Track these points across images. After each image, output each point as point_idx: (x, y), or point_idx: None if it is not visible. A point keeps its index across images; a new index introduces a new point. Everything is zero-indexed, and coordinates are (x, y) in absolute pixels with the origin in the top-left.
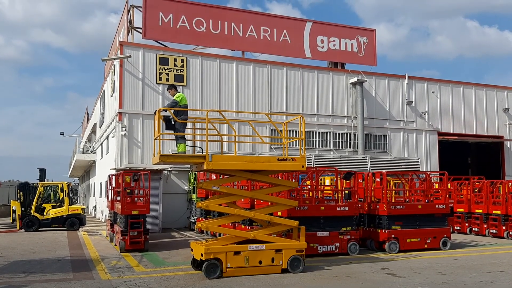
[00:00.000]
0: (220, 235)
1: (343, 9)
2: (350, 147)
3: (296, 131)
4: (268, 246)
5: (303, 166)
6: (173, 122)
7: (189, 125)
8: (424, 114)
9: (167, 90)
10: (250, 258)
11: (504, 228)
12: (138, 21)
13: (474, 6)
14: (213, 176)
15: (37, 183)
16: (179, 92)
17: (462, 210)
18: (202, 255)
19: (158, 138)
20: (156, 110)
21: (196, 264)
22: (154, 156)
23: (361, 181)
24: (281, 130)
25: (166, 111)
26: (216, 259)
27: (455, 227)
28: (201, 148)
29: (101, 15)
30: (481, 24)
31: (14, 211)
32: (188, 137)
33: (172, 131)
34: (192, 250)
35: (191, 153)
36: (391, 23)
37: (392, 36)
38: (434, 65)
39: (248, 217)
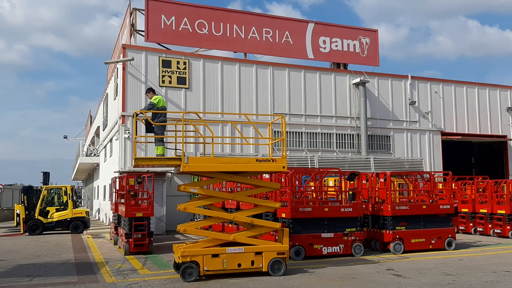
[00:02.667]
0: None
1: (343, 10)
2: (353, 148)
3: (293, 132)
4: (247, 248)
5: (284, 167)
6: (153, 125)
7: (172, 127)
8: (427, 114)
9: (146, 93)
10: (228, 261)
11: (508, 227)
12: (140, 24)
13: (474, 6)
14: None
15: (41, 187)
16: (156, 95)
17: (466, 210)
18: (179, 257)
19: (134, 140)
20: (134, 113)
21: (178, 266)
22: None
23: (365, 182)
24: (275, 132)
25: (143, 114)
26: (193, 262)
27: (460, 227)
28: (181, 150)
29: (102, 19)
30: (481, 23)
31: (18, 215)
32: (170, 139)
33: (152, 134)
34: (174, 253)
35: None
36: (391, 24)
37: (393, 37)
38: (435, 65)
39: (228, 219)
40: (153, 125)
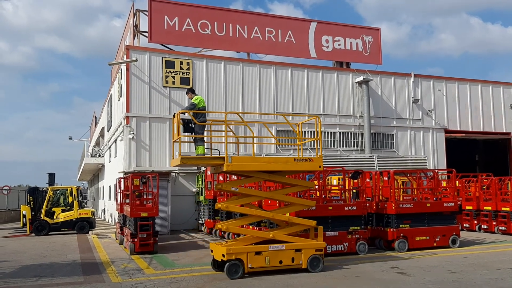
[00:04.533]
0: (228, 235)
1: (345, 9)
2: (357, 146)
3: (304, 131)
4: (288, 246)
5: (320, 166)
6: (191, 125)
7: (206, 127)
8: (431, 112)
9: (186, 93)
10: (270, 258)
11: None
12: (143, 25)
13: (476, 3)
14: (220, 178)
15: (46, 188)
16: (197, 94)
17: (470, 207)
18: (223, 255)
19: (177, 140)
20: (175, 113)
21: (217, 265)
22: (173, 158)
23: (368, 180)
24: (295, 131)
25: (185, 114)
26: (238, 260)
27: (464, 225)
28: (218, 150)
29: (105, 20)
30: (484, 21)
31: (24, 216)
32: (205, 139)
33: (189, 134)
34: (212, 251)
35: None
36: (393, 22)
37: (395, 35)
38: (438, 62)
39: (267, 218)
40: (193, 125)
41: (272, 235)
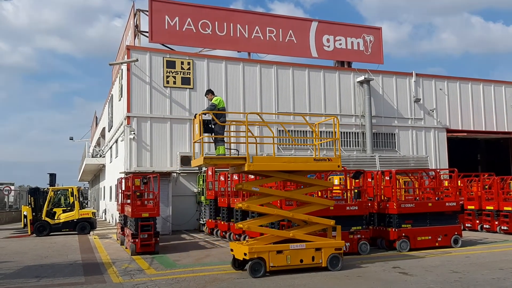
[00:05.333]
0: (230, 236)
1: (345, 9)
2: (358, 146)
3: (298, 131)
4: (308, 245)
5: (338, 166)
6: (211, 125)
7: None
8: (432, 111)
9: (205, 95)
10: (291, 257)
11: None
12: (144, 25)
13: (477, 2)
14: (222, 178)
15: (47, 188)
16: (216, 96)
17: (472, 207)
18: (245, 254)
19: (199, 141)
20: (196, 114)
21: (237, 264)
22: (194, 158)
23: (370, 180)
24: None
25: (206, 115)
26: (260, 258)
27: (466, 225)
28: (237, 150)
29: (106, 20)
30: (485, 20)
31: (25, 216)
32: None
33: (207, 134)
34: (232, 250)
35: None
36: (393, 21)
37: (396, 34)
38: (440, 62)
39: (287, 217)
40: (212, 126)
41: (292, 234)
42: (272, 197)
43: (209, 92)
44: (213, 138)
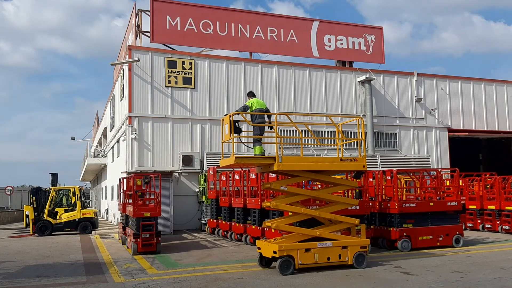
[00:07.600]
0: (231, 235)
1: (346, 8)
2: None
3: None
4: (335, 243)
5: (364, 166)
6: (237, 125)
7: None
8: (434, 110)
9: (247, 95)
10: (319, 255)
11: None
12: (145, 25)
13: (478, 1)
14: (223, 177)
15: (49, 188)
16: (254, 98)
17: (474, 206)
18: (275, 252)
19: (230, 141)
20: (226, 114)
21: (264, 262)
22: (222, 158)
23: (371, 180)
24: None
25: (238, 115)
26: (289, 256)
27: (468, 224)
28: (264, 150)
29: (106, 20)
30: (486, 19)
31: (27, 216)
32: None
33: (236, 135)
34: (259, 248)
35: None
36: (394, 21)
37: (397, 34)
38: (441, 61)
39: (313, 216)
40: (240, 127)
41: (318, 233)
42: (299, 196)
43: (249, 94)
44: (242, 138)
